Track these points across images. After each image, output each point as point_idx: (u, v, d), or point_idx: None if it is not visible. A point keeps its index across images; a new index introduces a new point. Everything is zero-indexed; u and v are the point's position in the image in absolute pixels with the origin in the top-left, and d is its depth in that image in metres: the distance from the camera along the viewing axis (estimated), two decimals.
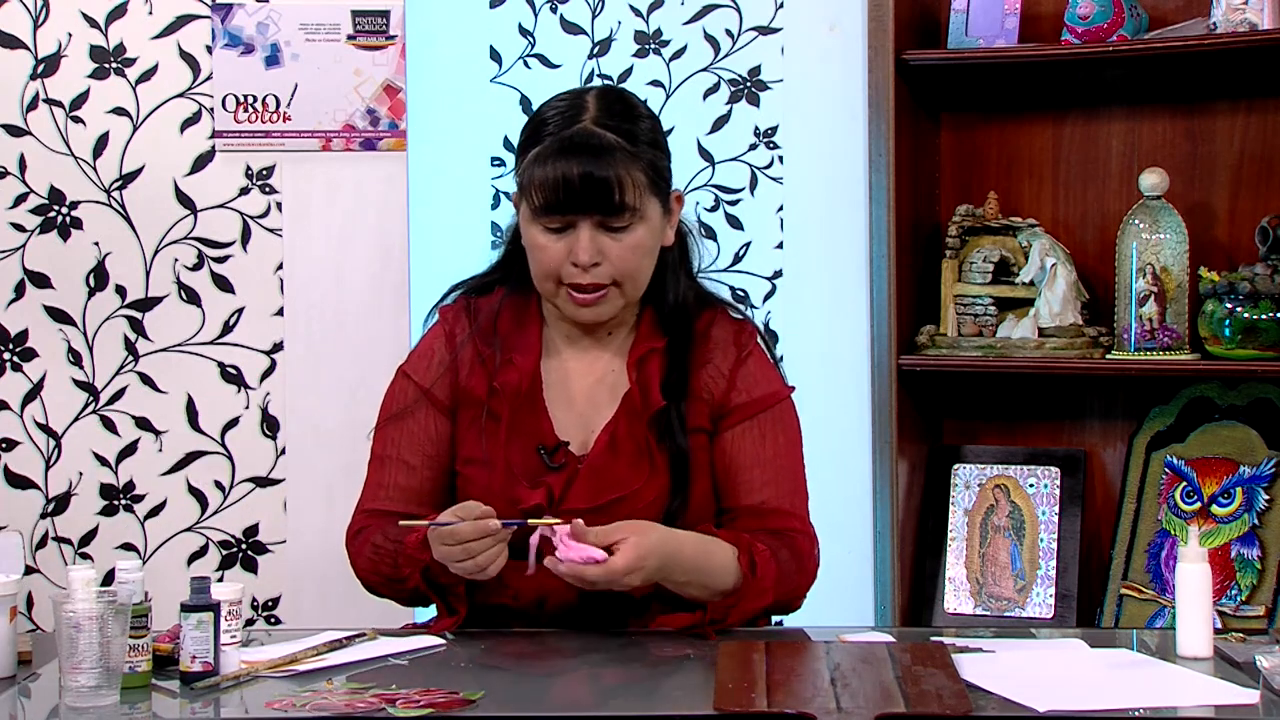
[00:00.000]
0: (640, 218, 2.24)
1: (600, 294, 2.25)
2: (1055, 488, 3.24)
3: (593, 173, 2.20)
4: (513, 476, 2.25)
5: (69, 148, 3.33)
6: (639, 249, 2.26)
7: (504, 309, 2.35)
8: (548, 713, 1.93)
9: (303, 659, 2.05)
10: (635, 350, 2.32)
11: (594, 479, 2.25)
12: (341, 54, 3.35)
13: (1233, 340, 3.01)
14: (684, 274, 2.38)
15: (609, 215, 2.22)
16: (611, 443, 2.26)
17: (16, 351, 3.34)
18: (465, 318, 2.37)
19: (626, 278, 2.26)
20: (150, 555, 3.34)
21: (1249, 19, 2.99)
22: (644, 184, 2.24)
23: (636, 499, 2.23)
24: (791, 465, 2.34)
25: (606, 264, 2.23)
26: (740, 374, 2.33)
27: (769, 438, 2.32)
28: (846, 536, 3.33)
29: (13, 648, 2.03)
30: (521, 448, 2.27)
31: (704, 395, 2.31)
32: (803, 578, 2.28)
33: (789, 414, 2.37)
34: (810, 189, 3.44)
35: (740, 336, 2.37)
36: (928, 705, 1.81)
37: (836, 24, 3.41)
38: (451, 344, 2.35)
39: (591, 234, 2.22)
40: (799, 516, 2.32)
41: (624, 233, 2.24)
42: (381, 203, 3.36)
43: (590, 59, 3.46)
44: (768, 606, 2.25)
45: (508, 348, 2.32)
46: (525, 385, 2.29)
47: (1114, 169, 3.29)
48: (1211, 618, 2.09)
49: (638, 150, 2.24)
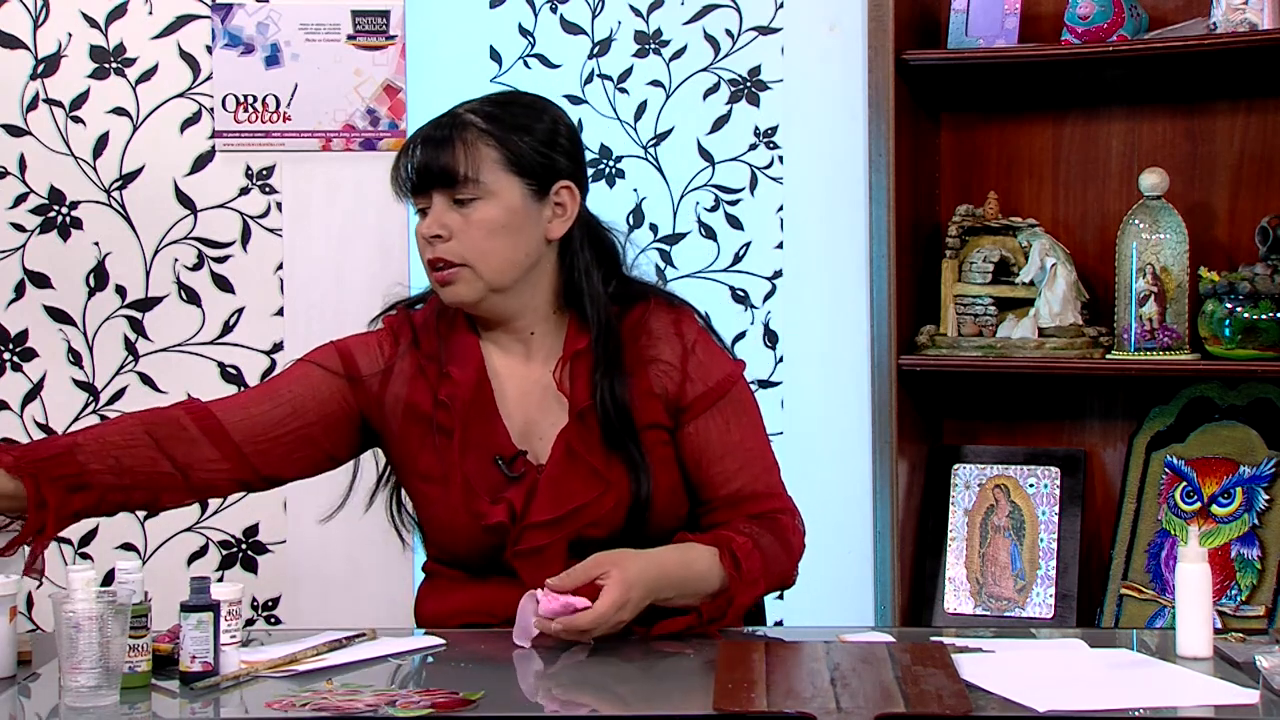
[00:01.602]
0: (489, 193, 2.23)
1: (452, 271, 2.23)
2: (1055, 488, 3.24)
3: (437, 144, 2.23)
4: (472, 492, 2.23)
5: (69, 148, 3.33)
6: (485, 226, 2.23)
7: (437, 319, 2.33)
8: (548, 713, 1.93)
9: (303, 659, 2.05)
10: (565, 351, 2.29)
11: (554, 490, 2.23)
12: (341, 54, 3.35)
13: (1233, 340, 3.01)
14: (602, 272, 2.33)
15: (449, 186, 2.22)
16: (568, 451, 2.24)
17: (16, 351, 3.34)
18: (406, 327, 2.34)
19: (476, 257, 2.23)
20: (150, 555, 3.34)
21: (1249, 19, 2.99)
22: (495, 160, 2.23)
23: (598, 505, 2.23)
24: (759, 445, 2.33)
25: (454, 240, 2.23)
26: (690, 364, 2.30)
27: (733, 423, 2.31)
28: (846, 536, 3.34)
29: (13, 648, 2.02)
30: (477, 459, 2.25)
31: (656, 391, 2.28)
32: (790, 556, 2.28)
33: (745, 393, 2.35)
34: (810, 189, 3.44)
35: (680, 325, 2.33)
36: (928, 705, 1.81)
37: (836, 24, 3.41)
38: (394, 347, 2.32)
39: (442, 209, 2.23)
40: (775, 495, 2.31)
41: (469, 207, 2.23)
42: (381, 203, 3.34)
43: (590, 59, 3.46)
44: (761, 595, 2.25)
45: (446, 358, 2.29)
46: (470, 395, 2.27)
47: (1114, 169, 3.29)
48: (1211, 618, 2.09)
49: (494, 129, 2.25)
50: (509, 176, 2.24)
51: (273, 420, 2.28)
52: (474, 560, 2.26)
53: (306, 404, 2.29)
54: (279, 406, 2.28)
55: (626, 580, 2.08)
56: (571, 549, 2.21)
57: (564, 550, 2.21)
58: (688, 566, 2.17)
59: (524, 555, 2.21)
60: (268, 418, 2.27)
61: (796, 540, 2.30)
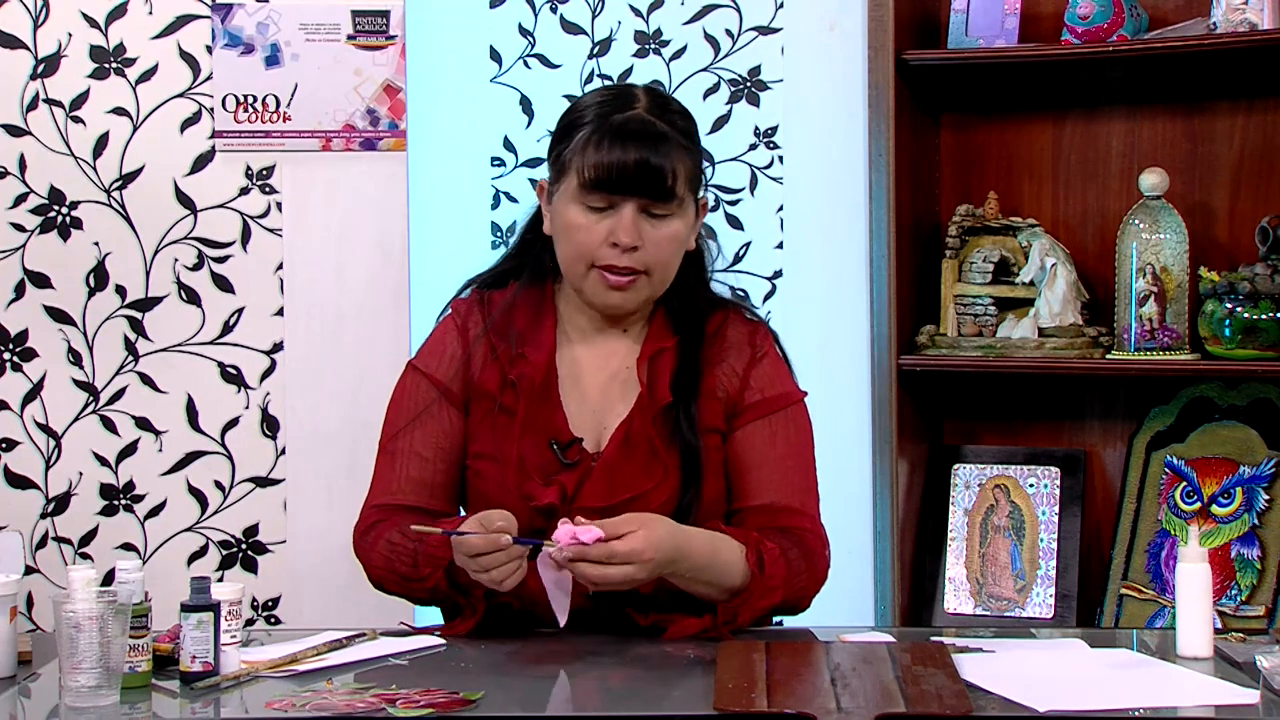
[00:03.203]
0: (681, 209, 2.27)
1: (632, 279, 2.25)
2: (1055, 488, 3.24)
3: (649, 157, 2.22)
4: (525, 473, 2.25)
5: (69, 148, 3.33)
6: (674, 240, 2.27)
7: (518, 302, 2.35)
8: (548, 713, 1.93)
9: (303, 659, 2.05)
10: (647, 347, 2.32)
11: (607, 478, 2.25)
12: (341, 54, 3.35)
13: (1233, 340, 3.01)
14: (698, 276, 2.39)
15: (656, 200, 2.24)
16: (626, 441, 2.26)
17: (16, 351, 3.34)
18: (478, 311, 2.36)
19: (657, 267, 2.27)
20: (150, 555, 3.34)
21: (1249, 19, 2.99)
22: (688, 178, 2.27)
23: (649, 499, 2.23)
24: (802, 466, 2.34)
25: (643, 250, 2.24)
26: (754, 373, 2.33)
27: (780, 436, 2.32)
28: (846, 536, 3.33)
29: (13, 648, 2.03)
30: (534, 442, 2.27)
31: (719, 394, 2.31)
32: (812, 577, 2.27)
33: (801, 416, 2.37)
34: (810, 189, 3.44)
35: (755, 337, 2.37)
36: (928, 705, 1.81)
37: (836, 24, 3.41)
38: (464, 337, 2.35)
39: (634, 216, 2.23)
40: (809, 516, 2.32)
41: (663, 221, 2.25)
42: (381, 203, 3.36)
43: (590, 59, 3.46)
44: (776, 605, 2.24)
45: (521, 341, 2.31)
46: (539, 379, 2.29)
47: (1114, 169, 3.29)
48: (1211, 618, 2.09)
49: (688, 144, 2.28)
50: (691, 195, 2.30)
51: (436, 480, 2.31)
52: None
53: (441, 443, 2.32)
54: (427, 464, 2.31)
55: (652, 537, 2.08)
56: None
57: None
58: (714, 553, 2.17)
59: None
60: (435, 480, 2.31)
61: (821, 565, 2.29)
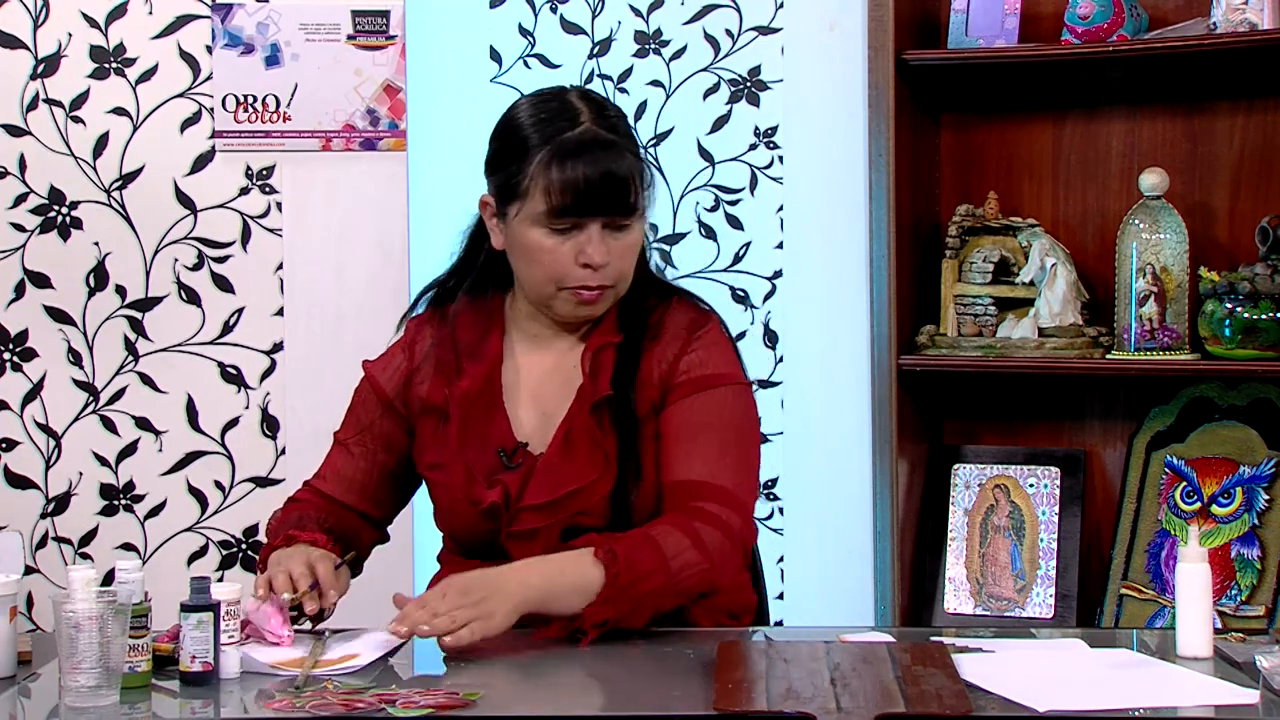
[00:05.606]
0: (640, 217, 2.26)
1: (599, 293, 2.25)
2: (1055, 488, 3.24)
3: (613, 172, 2.21)
4: (471, 477, 2.26)
5: (69, 148, 3.33)
6: (634, 248, 2.27)
7: (462, 316, 2.35)
8: (548, 713, 1.93)
9: (334, 660, 2.04)
10: (591, 344, 2.29)
11: (549, 475, 2.24)
12: (341, 54, 3.35)
13: (1233, 340, 3.01)
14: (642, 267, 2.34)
15: (620, 215, 2.22)
16: (567, 438, 2.25)
17: (16, 351, 3.34)
18: (428, 328, 2.38)
19: (621, 277, 2.26)
20: (150, 555, 3.34)
21: (1249, 19, 2.99)
22: (642, 182, 2.25)
23: (591, 492, 2.22)
24: (724, 444, 2.23)
25: (611, 264, 2.23)
26: (686, 357, 2.27)
27: (703, 414, 2.24)
28: (846, 536, 3.34)
29: (13, 648, 2.02)
30: (480, 450, 2.28)
31: (652, 380, 2.27)
32: (703, 553, 2.15)
33: (732, 398, 2.27)
34: (810, 189, 3.44)
35: (695, 323, 2.31)
36: (928, 705, 1.81)
37: (836, 24, 3.41)
38: (410, 354, 2.37)
39: (600, 234, 2.22)
40: (722, 492, 2.19)
41: (625, 232, 2.24)
42: (381, 203, 3.36)
43: (590, 59, 3.46)
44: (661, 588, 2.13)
45: (464, 354, 2.32)
46: (476, 389, 2.29)
47: (1114, 169, 3.29)
48: (1211, 618, 2.09)
49: (633, 147, 2.27)
50: (645, 195, 2.28)
51: (357, 476, 2.39)
52: (475, 545, 2.28)
53: (366, 442, 2.39)
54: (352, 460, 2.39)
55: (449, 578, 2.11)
56: (564, 535, 2.21)
57: (557, 535, 2.21)
58: (557, 575, 2.12)
59: (517, 537, 2.22)
60: (355, 476, 2.39)
61: (724, 545, 2.17)
